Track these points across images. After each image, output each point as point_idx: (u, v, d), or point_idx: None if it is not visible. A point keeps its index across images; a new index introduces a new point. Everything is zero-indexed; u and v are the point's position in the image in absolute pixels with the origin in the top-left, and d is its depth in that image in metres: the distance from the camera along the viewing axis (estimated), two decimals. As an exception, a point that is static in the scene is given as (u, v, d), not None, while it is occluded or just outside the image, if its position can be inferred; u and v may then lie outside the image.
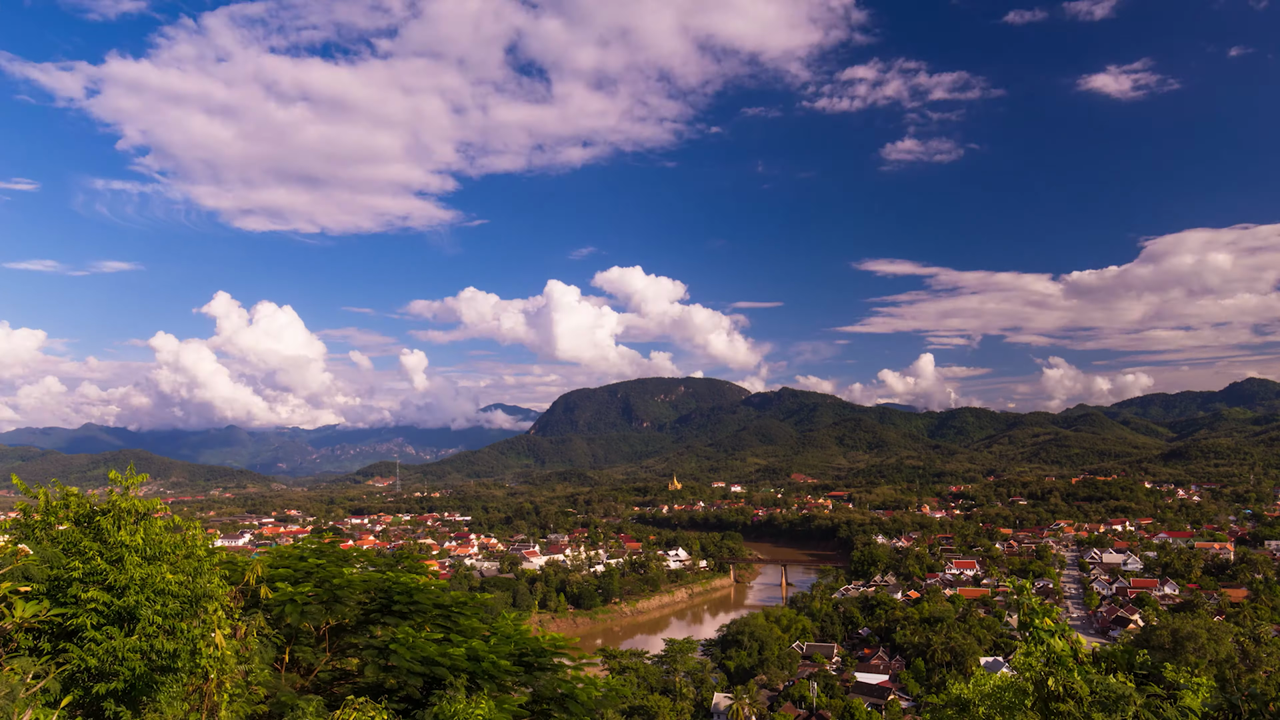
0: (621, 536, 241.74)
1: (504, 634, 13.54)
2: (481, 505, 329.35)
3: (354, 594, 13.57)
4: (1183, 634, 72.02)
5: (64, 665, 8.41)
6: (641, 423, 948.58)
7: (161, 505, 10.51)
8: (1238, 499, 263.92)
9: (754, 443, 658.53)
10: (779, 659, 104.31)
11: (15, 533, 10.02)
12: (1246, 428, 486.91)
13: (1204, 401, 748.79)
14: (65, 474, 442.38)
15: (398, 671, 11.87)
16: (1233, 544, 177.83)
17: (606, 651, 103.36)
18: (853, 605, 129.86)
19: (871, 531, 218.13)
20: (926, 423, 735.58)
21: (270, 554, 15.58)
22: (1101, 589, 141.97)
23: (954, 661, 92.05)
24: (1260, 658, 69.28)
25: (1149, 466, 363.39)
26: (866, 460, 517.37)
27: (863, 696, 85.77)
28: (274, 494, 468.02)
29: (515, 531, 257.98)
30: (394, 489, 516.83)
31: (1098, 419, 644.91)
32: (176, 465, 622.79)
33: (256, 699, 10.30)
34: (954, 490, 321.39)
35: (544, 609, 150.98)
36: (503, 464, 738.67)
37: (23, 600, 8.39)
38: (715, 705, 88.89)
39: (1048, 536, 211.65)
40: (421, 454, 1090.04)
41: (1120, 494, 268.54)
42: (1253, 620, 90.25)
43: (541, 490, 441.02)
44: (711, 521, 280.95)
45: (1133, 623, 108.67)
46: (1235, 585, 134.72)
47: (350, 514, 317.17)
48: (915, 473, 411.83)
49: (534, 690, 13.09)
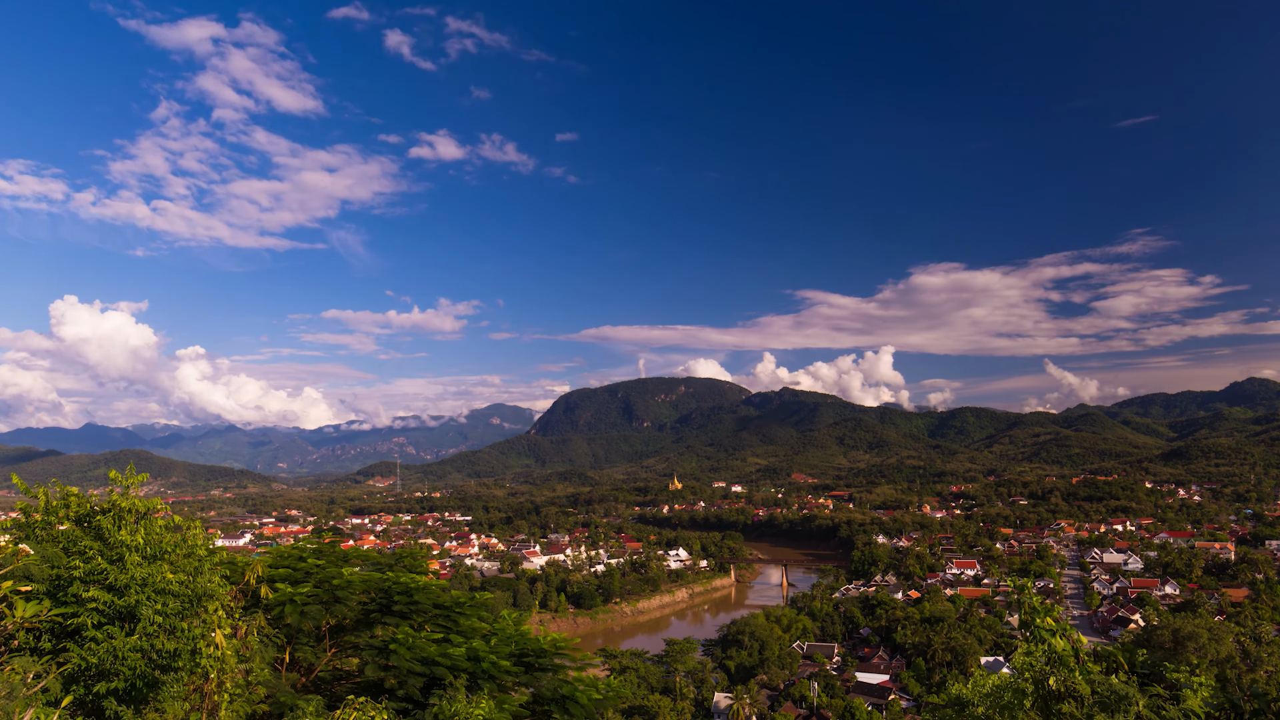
0: (622, 536, 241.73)
1: (504, 634, 13.54)
2: (482, 505, 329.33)
3: (354, 594, 13.58)
4: (1183, 634, 71.95)
5: (65, 665, 8.42)
6: (642, 423, 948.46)
7: (162, 505, 10.52)
8: (1238, 499, 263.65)
9: (754, 443, 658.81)
10: (779, 659, 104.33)
11: (16, 532, 10.04)
12: (1247, 427, 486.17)
13: (1204, 401, 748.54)
14: (65, 474, 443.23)
15: (398, 671, 11.87)
16: (1233, 544, 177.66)
17: (607, 651, 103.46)
18: (853, 605, 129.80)
19: (872, 531, 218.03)
20: (927, 422, 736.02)
21: (270, 554, 15.59)
22: (1102, 589, 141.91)
23: (954, 661, 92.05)
24: (1261, 657, 69.26)
25: (1149, 466, 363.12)
26: (867, 460, 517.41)
27: (863, 696, 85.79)
28: (274, 494, 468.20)
29: (516, 531, 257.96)
30: (394, 489, 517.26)
31: (1098, 419, 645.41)
32: (177, 465, 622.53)
33: (257, 698, 10.30)
34: (954, 490, 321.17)
35: (544, 609, 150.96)
36: (503, 464, 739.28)
37: (24, 600, 8.40)
38: (716, 705, 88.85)
39: (1048, 536, 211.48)
40: (422, 454, 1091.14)
41: (1121, 494, 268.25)
42: (1253, 620, 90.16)
43: (542, 490, 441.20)
44: (712, 521, 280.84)
45: (1133, 622, 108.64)
46: (1236, 585, 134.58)
47: (351, 514, 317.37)
48: (916, 472, 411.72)
49: (534, 690, 13.07)
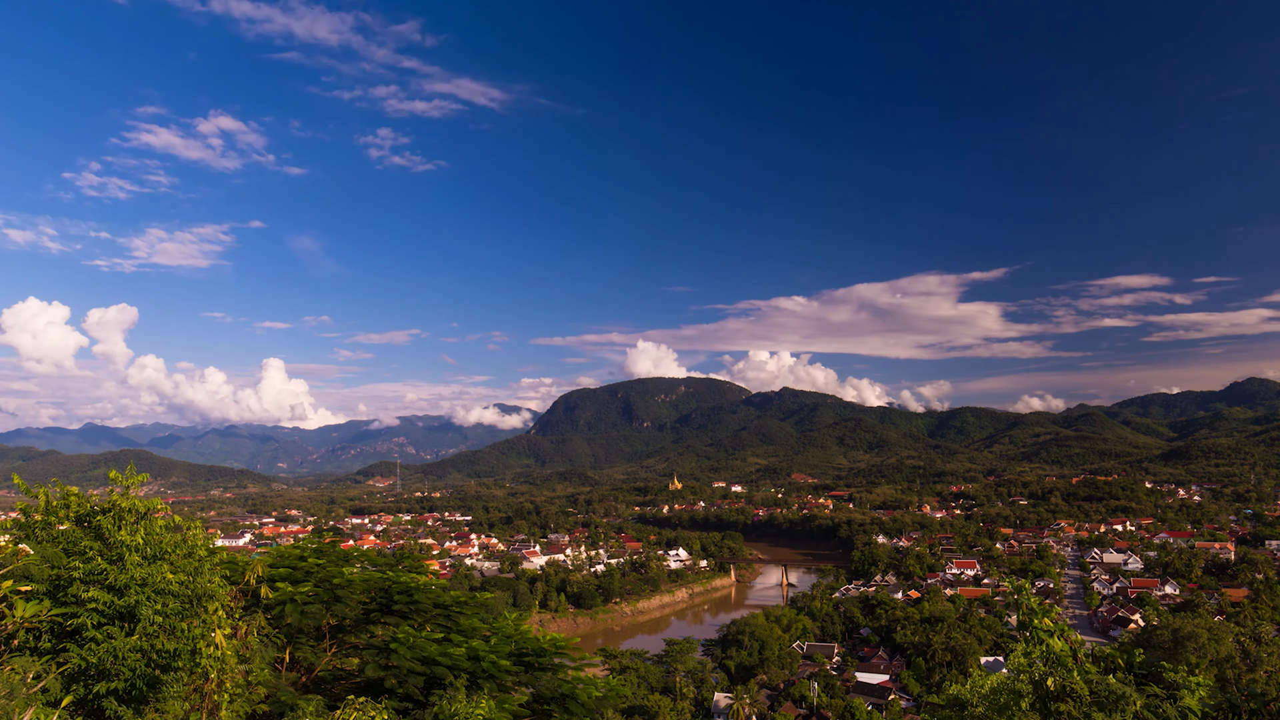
0: (622, 536, 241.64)
1: (504, 634, 13.56)
2: (482, 505, 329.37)
3: (354, 593, 13.59)
4: (1183, 634, 71.95)
5: (65, 665, 8.43)
6: (642, 423, 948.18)
7: (162, 505, 10.53)
8: (1238, 499, 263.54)
9: (754, 442, 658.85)
10: (779, 659, 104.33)
11: (16, 532, 10.05)
12: (1247, 427, 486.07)
13: (1204, 401, 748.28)
14: (65, 474, 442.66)
15: (398, 671, 11.88)
16: (1233, 544, 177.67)
17: (607, 651, 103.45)
18: (853, 605, 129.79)
19: (872, 531, 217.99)
20: (927, 422, 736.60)
21: (270, 554, 15.61)
22: (1102, 589, 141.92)
23: (954, 661, 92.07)
24: (1261, 657, 69.26)
25: (1149, 466, 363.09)
26: (867, 460, 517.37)
27: (863, 696, 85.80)
28: (274, 494, 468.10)
29: (516, 531, 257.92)
30: (394, 489, 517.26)
31: (1098, 419, 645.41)
32: (177, 465, 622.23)
33: (257, 698, 10.31)
34: (954, 490, 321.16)
35: (544, 609, 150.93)
36: (503, 464, 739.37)
37: (24, 600, 8.41)
38: (715, 705, 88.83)
39: (1048, 536, 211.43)
40: (422, 454, 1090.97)
41: (1121, 494, 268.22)
42: (1253, 620, 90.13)
43: (542, 490, 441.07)
44: (712, 521, 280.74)
45: (1133, 622, 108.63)
46: (1236, 585, 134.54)
47: (351, 514, 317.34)
48: (916, 472, 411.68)
49: (534, 690, 13.09)
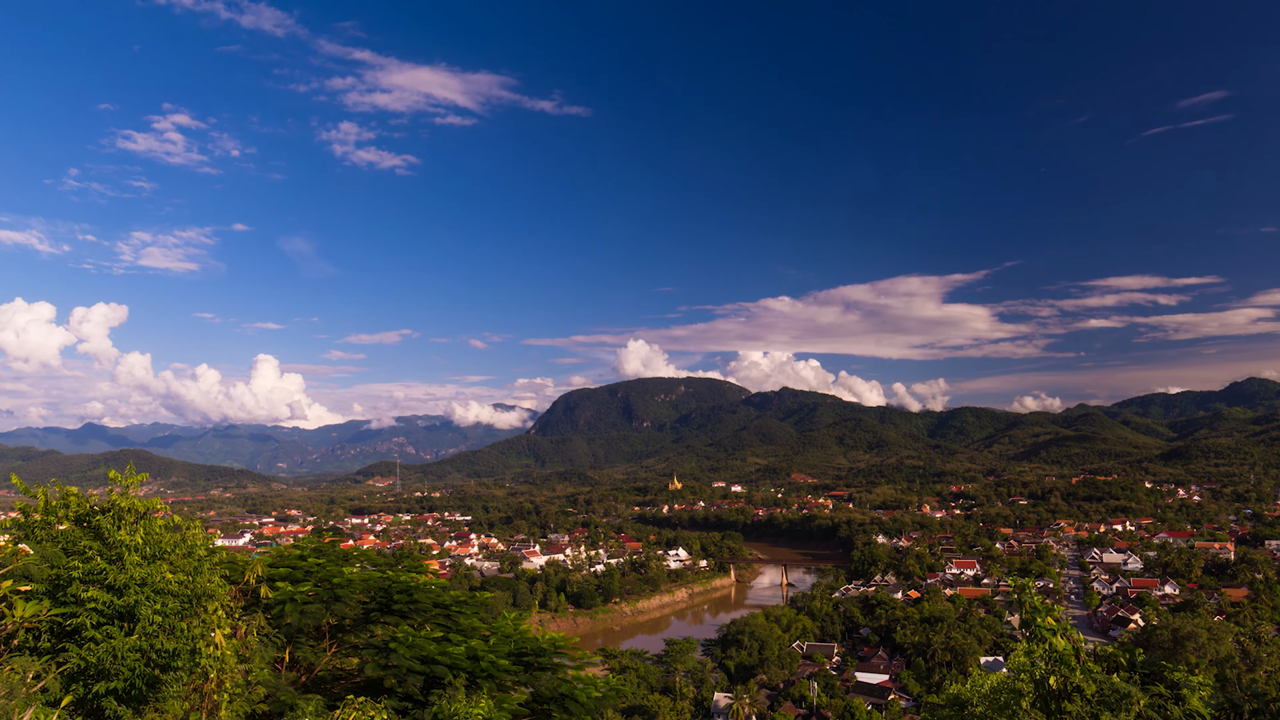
0: (622, 536, 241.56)
1: (504, 633, 13.55)
2: (482, 505, 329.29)
3: (354, 593, 13.58)
4: (1183, 633, 71.98)
5: (64, 664, 8.41)
6: (642, 422, 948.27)
7: (161, 505, 10.51)
8: (1238, 499, 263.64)
9: (754, 442, 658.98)
10: (779, 658, 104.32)
11: (15, 532, 10.03)
12: (1247, 427, 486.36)
13: (1204, 401, 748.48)
14: (65, 474, 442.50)
15: (397, 670, 11.87)
16: (1233, 544, 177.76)
17: (606, 651, 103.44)
18: (853, 605, 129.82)
19: (872, 531, 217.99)
20: (926, 422, 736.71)
21: (270, 553, 15.60)
22: (1102, 588, 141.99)
23: (954, 661, 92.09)
24: (1261, 657, 69.24)
25: (1149, 466, 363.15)
26: (867, 460, 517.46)
27: (863, 696, 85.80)
28: (274, 494, 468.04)
29: (515, 531, 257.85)
30: (394, 489, 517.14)
31: (1098, 419, 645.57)
32: (176, 465, 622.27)
33: (257, 698, 10.29)
34: (954, 490, 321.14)
35: (544, 609, 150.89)
36: (503, 464, 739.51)
37: (23, 600, 8.39)
38: (715, 704, 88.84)
39: (1048, 536, 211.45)
40: (422, 454, 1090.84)
41: (1120, 494, 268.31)
42: (1253, 620, 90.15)
43: (542, 490, 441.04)
44: (711, 521, 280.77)
45: (1133, 622, 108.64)
46: (1236, 585, 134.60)
47: (350, 514, 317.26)
48: (915, 472, 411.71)
49: (534, 690, 13.08)
